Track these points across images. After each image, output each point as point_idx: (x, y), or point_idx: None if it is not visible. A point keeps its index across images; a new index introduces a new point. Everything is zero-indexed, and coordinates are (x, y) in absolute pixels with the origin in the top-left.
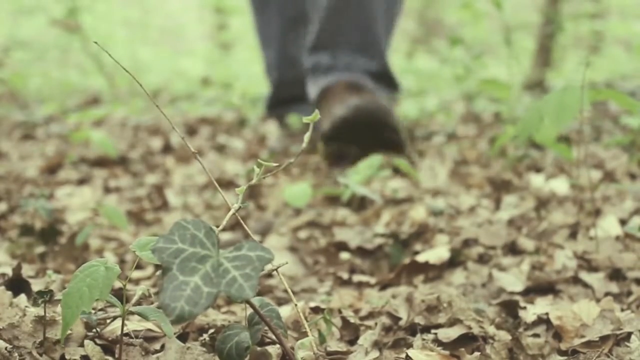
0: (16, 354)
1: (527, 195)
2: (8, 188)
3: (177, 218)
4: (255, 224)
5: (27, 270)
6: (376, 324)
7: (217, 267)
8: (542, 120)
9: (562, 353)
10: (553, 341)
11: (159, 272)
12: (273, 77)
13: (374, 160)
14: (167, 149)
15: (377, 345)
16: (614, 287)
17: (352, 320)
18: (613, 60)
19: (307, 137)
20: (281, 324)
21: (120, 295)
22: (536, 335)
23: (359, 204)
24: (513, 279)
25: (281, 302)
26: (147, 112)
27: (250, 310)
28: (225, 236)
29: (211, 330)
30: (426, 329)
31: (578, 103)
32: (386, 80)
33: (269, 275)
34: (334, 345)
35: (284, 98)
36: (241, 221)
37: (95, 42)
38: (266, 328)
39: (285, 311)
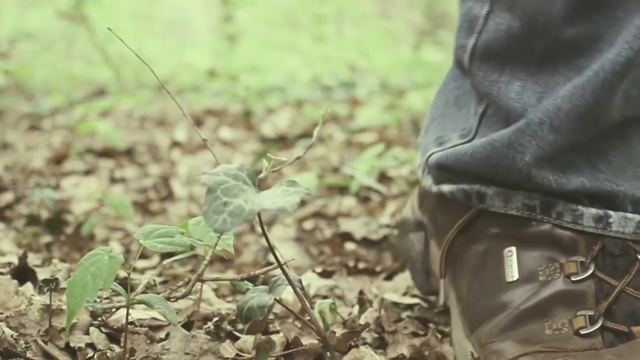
0: (22, 342)
1: None
2: (14, 178)
3: (182, 209)
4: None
5: (33, 260)
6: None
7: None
8: None
9: None
10: None
11: (165, 262)
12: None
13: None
14: (173, 140)
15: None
16: None
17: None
18: None
19: (316, 131)
20: (301, 285)
21: (125, 284)
22: None
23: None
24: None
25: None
26: (153, 103)
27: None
28: None
29: (215, 319)
30: None
31: None
32: None
33: (275, 267)
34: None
35: None
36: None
37: (109, 29)
38: (274, 314)
39: (289, 297)
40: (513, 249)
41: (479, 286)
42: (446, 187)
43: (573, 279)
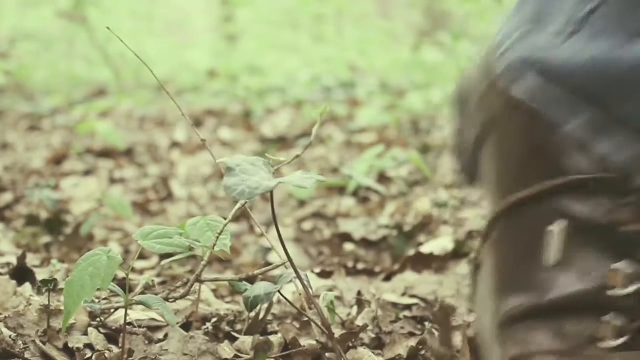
0: (20, 342)
1: None
2: (14, 179)
3: (182, 209)
4: (260, 215)
5: (32, 260)
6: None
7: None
8: None
9: None
10: None
11: (163, 262)
12: None
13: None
14: (172, 140)
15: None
16: None
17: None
18: None
19: (315, 130)
20: (307, 279)
21: (124, 285)
22: None
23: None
24: None
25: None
26: (153, 103)
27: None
28: (232, 228)
29: (214, 320)
30: None
31: None
32: None
33: (275, 267)
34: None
35: None
36: (249, 212)
37: (108, 28)
38: (273, 314)
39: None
40: (564, 224)
41: (523, 254)
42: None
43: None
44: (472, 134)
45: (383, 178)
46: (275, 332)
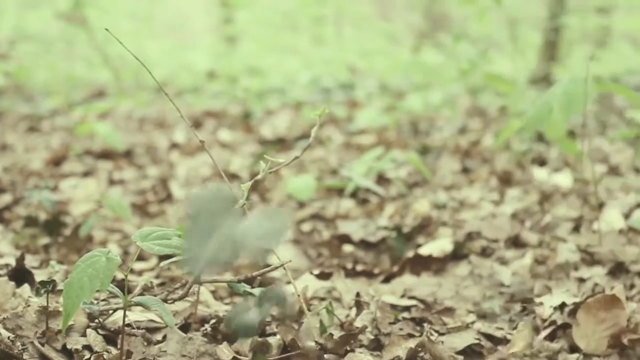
0: (19, 344)
1: (531, 189)
2: (13, 180)
3: (181, 210)
4: None
5: (30, 261)
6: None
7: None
8: (551, 112)
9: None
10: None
11: (162, 264)
12: None
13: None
14: (172, 141)
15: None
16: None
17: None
18: (619, 55)
19: (314, 131)
20: (288, 303)
21: (123, 286)
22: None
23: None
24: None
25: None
26: (152, 105)
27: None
28: None
29: (213, 321)
30: None
31: (583, 94)
32: None
33: (273, 268)
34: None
35: None
36: (248, 213)
37: (106, 29)
38: (271, 315)
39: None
40: None
41: None
42: None
43: None
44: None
45: (382, 179)
46: (274, 334)
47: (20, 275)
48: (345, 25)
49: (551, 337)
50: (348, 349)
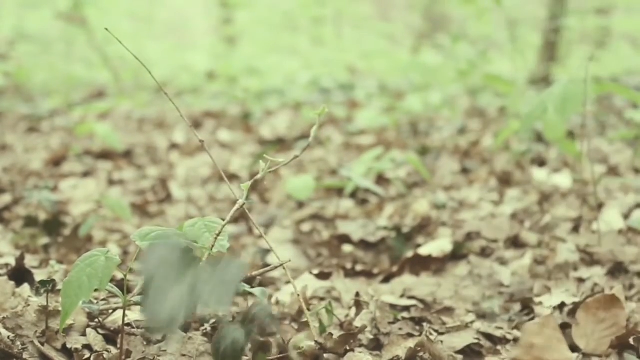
0: (19, 343)
1: (530, 189)
2: (13, 180)
3: (180, 210)
4: (259, 216)
5: (30, 261)
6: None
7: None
8: (546, 111)
9: None
10: None
11: None
12: None
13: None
14: (171, 142)
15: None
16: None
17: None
18: (619, 56)
19: (314, 131)
20: (274, 322)
21: (122, 285)
22: None
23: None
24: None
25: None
26: (152, 105)
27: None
28: (230, 229)
29: (212, 321)
30: None
31: (582, 95)
32: None
33: (273, 268)
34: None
35: None
36: (248, 213)
37: (106, 29)
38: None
39: (286, 299)
40: None
41: None
42: None
43: None
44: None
45: (381, 179)
46: (274, 333)
47: (20, 275)
48: (345, 25)
49: None
50: (347, 348)
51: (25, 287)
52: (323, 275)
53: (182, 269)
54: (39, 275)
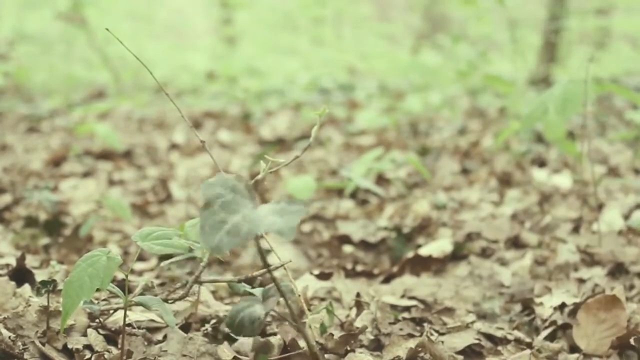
0: (19, 343)
1: (530, 190)
2: (13, 180)
3: (181, 211)
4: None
5: (31, 261)
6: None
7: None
8: (546, 112)
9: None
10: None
11: (162, 264)
12: None
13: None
14: (171, 142)
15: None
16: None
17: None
18: (619, 56)
19: (314, 131)
20: (295, 297)
21: (123, 286)
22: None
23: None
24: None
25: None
26: (152, 105)
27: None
28: None
29: (213, 321)
30: None
31: (582, 95)
32: None
33: (273, 268)
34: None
35: None
36: None
37: (107, 29)
38: (271, 316)
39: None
40: None
41: None
42: None
43: None
44: None
45: (382, 180)
46: (275, 334)
47: (20, 275)
48: (345, 26)
49: (551, 337)
50: (348, 349)
51: (26, 287)
52: (323, 276)
53: (242, 200)
54: (40, 276)
